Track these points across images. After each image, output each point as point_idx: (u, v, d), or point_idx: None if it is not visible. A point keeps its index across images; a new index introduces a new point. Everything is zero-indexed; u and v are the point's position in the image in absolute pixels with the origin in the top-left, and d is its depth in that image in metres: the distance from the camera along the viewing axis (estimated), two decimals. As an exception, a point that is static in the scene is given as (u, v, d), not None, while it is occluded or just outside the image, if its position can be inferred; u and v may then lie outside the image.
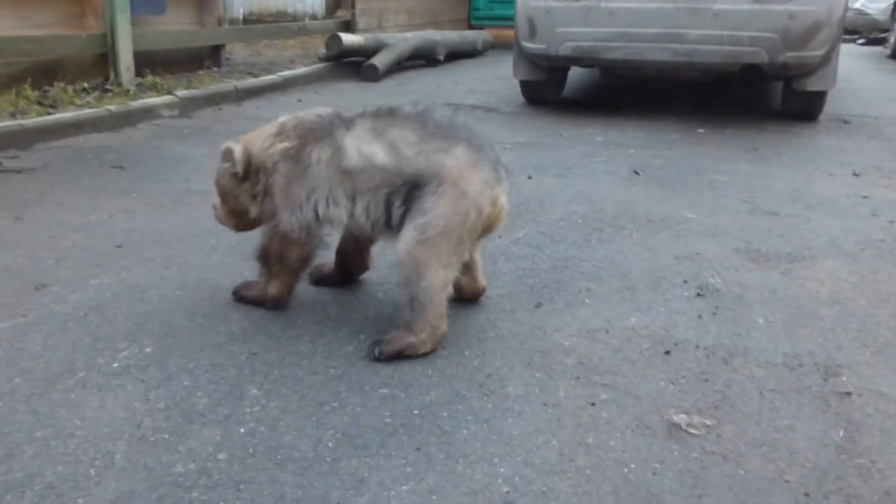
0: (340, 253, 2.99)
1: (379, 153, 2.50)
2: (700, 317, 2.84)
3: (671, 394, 2.31)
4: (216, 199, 2.84)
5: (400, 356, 2.47)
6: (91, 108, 5.86)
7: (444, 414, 2.17)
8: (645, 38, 6.34)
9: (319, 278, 3.04)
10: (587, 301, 2.96)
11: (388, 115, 2.59)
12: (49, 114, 5.56)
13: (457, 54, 11.37)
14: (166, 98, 6.48)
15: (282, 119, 2.74)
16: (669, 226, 3.87)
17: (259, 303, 2.81)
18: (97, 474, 1.88)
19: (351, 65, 9.29)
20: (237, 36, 9.33)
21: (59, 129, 5.38)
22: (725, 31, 6.11)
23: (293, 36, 10.48)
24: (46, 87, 6.24)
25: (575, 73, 8.26)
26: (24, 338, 2.55)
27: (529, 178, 4.76)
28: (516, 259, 3.37)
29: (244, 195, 2.74)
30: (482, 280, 2.91)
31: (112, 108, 5.89)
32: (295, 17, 11.89)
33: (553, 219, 3.94)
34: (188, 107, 6.58)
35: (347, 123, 2.62)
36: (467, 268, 2.82)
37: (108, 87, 6.57)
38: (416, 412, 2.18)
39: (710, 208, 4.19)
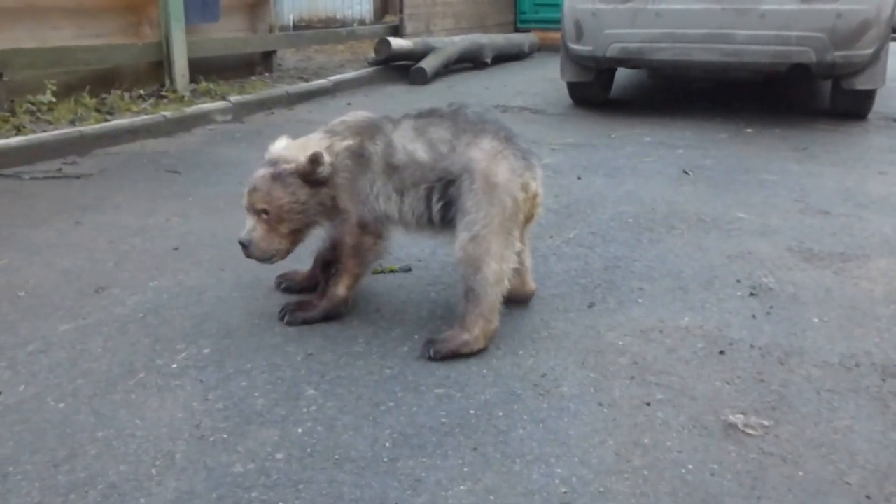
0: (320, 259, 2.97)
1: (419, 150, 2.63)
2: (754, 316, 2.81)
3: (727, 394, 2.29)
4: (257, 229, 2.68)
5: (455, 355, 2.50)
6: (147, 114, 5.98)
7: (500, 414, 2.18)
8: (692, 38, 6.29)
9: (290, 285, 3.04)
10: (640, 301, 2.95)
11: (428, 115, 2.75)
12: (107, 120, 5.69)
13: (503, 57, 11.36)
14: (220, 103, 6.58)
15: (328, 126, 2.79)
16: (720, 225, 3.83)
17: (329, 315, 2.77)
18: (158, 474, 1.92)
19: (399, 68, 9.34)
20: (288, 42, 9.44)
21: (116, 136, 5.49)
22: (773, 30, 6.05)
23: (342, 41, 10.57)
24: (104, 95, 6.38)
25: (622, 74, 8.20)
26: (86, 340, 2.61)
27: (579, 178, 4.75)
28: (568, 259, 3.37)
29: (315, 204, 2.69)
30: (532, 283, 2.93)
31: (167, 114, 6.00)
32: (344, 23, 11.96)
33: (603, 219, 3.93)
34: (241, 112, 6.68)
35: (394, 123, 2.74)
36: (516, 270, 2.81)
37: (163, 93, 6.70)
38: (471, 412, 2.19)
39: (760, 207, 4.14)
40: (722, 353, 2.54)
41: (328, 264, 2.88)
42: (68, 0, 6.31)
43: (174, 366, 2.44)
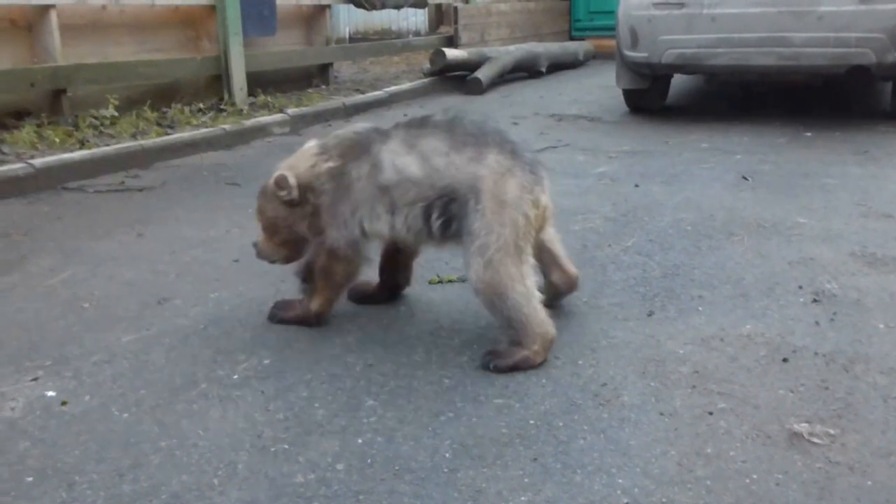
0: (383, 269, 2.98)
1: (411, 165, 2.54)
2: (817, 323, 2.75)
3: (791, 402, 2.24)
4: (260, 236, 2.85)
5: (515, 369, 2.47)
6: (207, 127, 6.09)
7: (560, 424, 2.16)
8: (749, 42, 6.21)
9: (364, 296, 3.02)
10: (700, 309, 2.90)
11: (420, 125, 2.64)
12: (167, 134, 5.80)
13: (558, 65, 11.32)
14: (277, 116, 6.67)
15: (324, 140, 2.79)
16: (781, 231, 3.76)
17: (300, 322, 2.81)
18: (220, 484, 1.94)
19: (455, 79, 9.37)
20: (344, 54, 9.54)
21: (177, 149, 5.60)
22: (831, 32, 5.93)
23: (398, 52, 10.65)
24: (164, 109, 6.51)
25: (678, 80, 8.12)
26: (149, 350, 2.65)
27: (636, 186, 4.70)
28: (626, 267, 3.33)
29: (298, 221, 2.75)
30: (572, 268, 2.87)
31: (226, 127, 6.10)
32: (399, 34, 12.06)
33: (661, 226, 3.88)
34: (298, 124, 6.76)
35: (384, 137, 2.66)
36: (553, 263, 2.82)
37: (222, 106, 6.81)
38: (531, 422, 2.17)
39: (821, 212, 4.05)
40: (785, 360, 2.49)
41: (389, 273, 2.97)
42: (129, 16, 6.46)
43: (235, 376, 2.47)
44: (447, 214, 2.52)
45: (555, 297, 2.88)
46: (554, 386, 2.37)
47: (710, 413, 2.19)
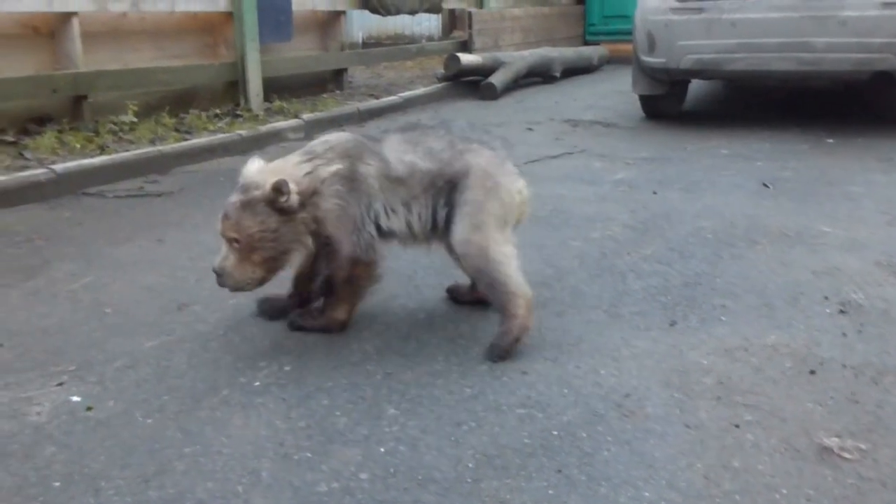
0: (299, 280, 2.93)
1: (419, 161, 2.67)
2: (844, 334, 2.72)
3: (819, 415, 2.22)
4: (229, 259, 2.62)
5: (518, 342, 2.60)
6: (223, 133, 6.10)
7: (584, 435, 2.15)
8: (769, 48, 6.17)
9: (277, 311, 2.94)
10: (723, 318, 2.88)
11: (414, 129, 2.83)
12: (185, 139, 5.81)
13: (573, 70, 11.32)
14: (292, 122, 6.68)
15: (307, 147, 2.77)
16: (804, 240, 3.74)
17: (324, 330, 2.80)
18: (245, 492, 1.93)
19: (469, 84, 9.37)
20: (359, 59, 9.55)
21: (194, 154, 5.62)
22: (853, 38, 5.89)
23: (412, 57, 10.65)
24: (182, 115, 6.53)
25: (695, 85, 8.08)
26: (170, 356, 2.65)
27: (655, 193, 4.68)
28: (647, 276, 3.31)
29: (290, 231, 2.62)
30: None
31: (242, 132, 6.11)
32: (412, 39, 12.07)
33: (682, 234, 3.86)
34: (313, 129, 6.76)
35: (377, 140, 2.76)
36: None
37: (238, 112, 6.83)
38: (554, 433, 2.16)
39: (846, 221, 4.02)
40: (812, 372, 2.46)
41: (304, 282, 2.92)
42: (149, 23, 6.49)
43: (256, 383, 2.47)
44: (450, 203, 2.67)
45: (474, 303, 3.02)
46: (576, 396, 2.36)
47: (737, 426, 2.17)
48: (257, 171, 2.68)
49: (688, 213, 4.24)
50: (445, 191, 2.66)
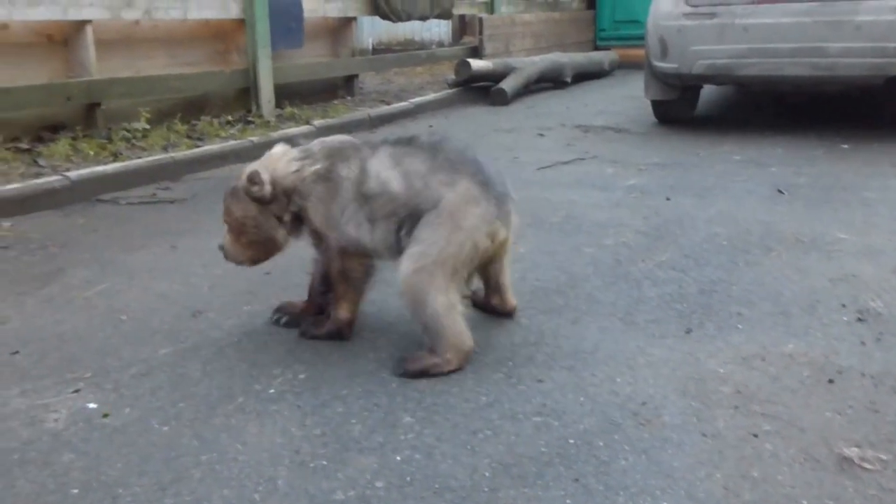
0: (314, 289, 2.96)
1: (393, 181, 2.60)
2: (863, 343, 2.70)
3: (839, 425, 2.20)
4: (226, 238, 2.84)
5: (425, 374, 2.53)
6: (235, 139, 6.12)
7: (601, 443, 2.13)
8: (782, 53, 6.15)
9: (291, 319, 2.96)
10: (739, 326, 2.87)
11: (407, 143, 2.72)
12: (197, 146, 5.83)
13: (584, 75, 11.30)
14: (304, 128, 6.69)
15: (307, 145, 2.82)
16: (820, 246, 3.71)
17: (332, 336, 2.80)
18: (262, 499, 1.93)
19: (479, 90, 9.37)
20: (370, 65, 9.57)
21: (206, 161, 5.63)
22: (868, 42, 5.86)
23: (422, 63, 10.67)
24: (194, 121, 6.55)
25: (707, 90, 8.06)
26: (185, 363, 2.66)
27: (668, 199, 4.66)
28: (661, 283, 3.30)
29: (268, 220, 2.76)
30: (512, 300, 2.96)
31: (254, 139, 6.12)
32: (422, 45, 12.10)
33: (696, 241, 3.85)
34: (324, 136, 6.74)
35: (373, 148, 2.72)
36: (496, 290, 2.92)
37: (249, 119, 6.85)
38: (571, 441, 2.15)
39: (862, 227, 4.00)
40: (831, 381, 2.44)
41: (318, 293, 2.93)
42: (161, 31, 6.52)
43: (271, 390, 2.47)
44: (411, 231, 2.59)
45: (488, 311, 2.99)
46: (592, 404, 2.35)
47: (755, 435, 2.16)
48: (264, 157, 2.83)
49: (701, 219, 4.23)
50: (409, 221, 2.58)
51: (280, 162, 2.75)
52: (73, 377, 2.55)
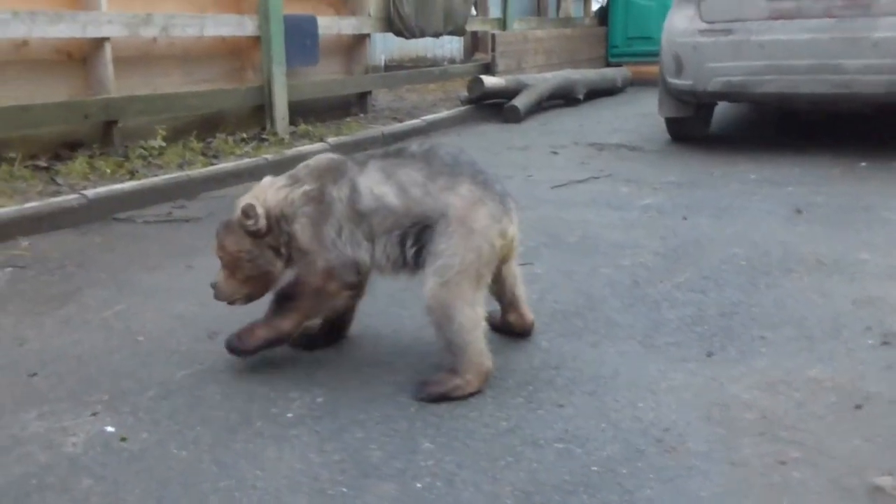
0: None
1: (389, 194, 2.56)
2: (890, 367, 2.66)
3: (868, 453, 2.16)
4: (219, 274, 2.75)
5: (445, 398, 2.49)
6: (249, 157, 6.11)
7: (624, 471, 2.10)
8: (799, 70, 6.12)
9: (310, 342, 2.92)
10: (762, 350, 2.83)
11: (396, 155, 2.67)
12: (212, 164, 5.83)
13: (596, 92, 11.29)
14: (318, 145, 6.68)
15: (291, 171, 2.76)
16: (842, 268, 3.67)
17: (271, 342, 2.71)
18: (281, 527, 1.91)
19: (492, 107, 9.36)
20: (383, 82, 9.58)
21: (221, 179, 5.63)
22: (886, 59, 5.82)
23: (435, 80, 10.68)
24: (209, 139, 6.57)
25: (721, 108, 8.03)
26: (203, 386, 2.64)
27: (684, 218, 4.63)
28: (681, 305, 3.27)
29: (265, 253, 2.68)
30: (529, 314, 2.93)
31: (269, 156, 6.12)
32: (434, 62, 12.13)
33: (714, 262, 3.81)
34: (338, 153, 6.75)
35: (360, 165, 2.66)
36: (511, 304, 2.89)
37: (264, 136, 6.85)
38: (594, 469, 2.12)
39: (885, 248, 3.95)
40: (858, 407, 2.40)
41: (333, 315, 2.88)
42: (177, 48, 6.55)
43: (289, 414, 2.44)
44: (420, 242, 2.56)
45: (505, 332, 2.95)
46: (615, 430, 2.31)
47: (783, 463, 2.12)
48: (256, 189, 2.75)
49: (719, 239, 4.19)
50: (413, 231, 2.54)
51: (269, 191, 2.70)
52: (90, 400, 2.54)
